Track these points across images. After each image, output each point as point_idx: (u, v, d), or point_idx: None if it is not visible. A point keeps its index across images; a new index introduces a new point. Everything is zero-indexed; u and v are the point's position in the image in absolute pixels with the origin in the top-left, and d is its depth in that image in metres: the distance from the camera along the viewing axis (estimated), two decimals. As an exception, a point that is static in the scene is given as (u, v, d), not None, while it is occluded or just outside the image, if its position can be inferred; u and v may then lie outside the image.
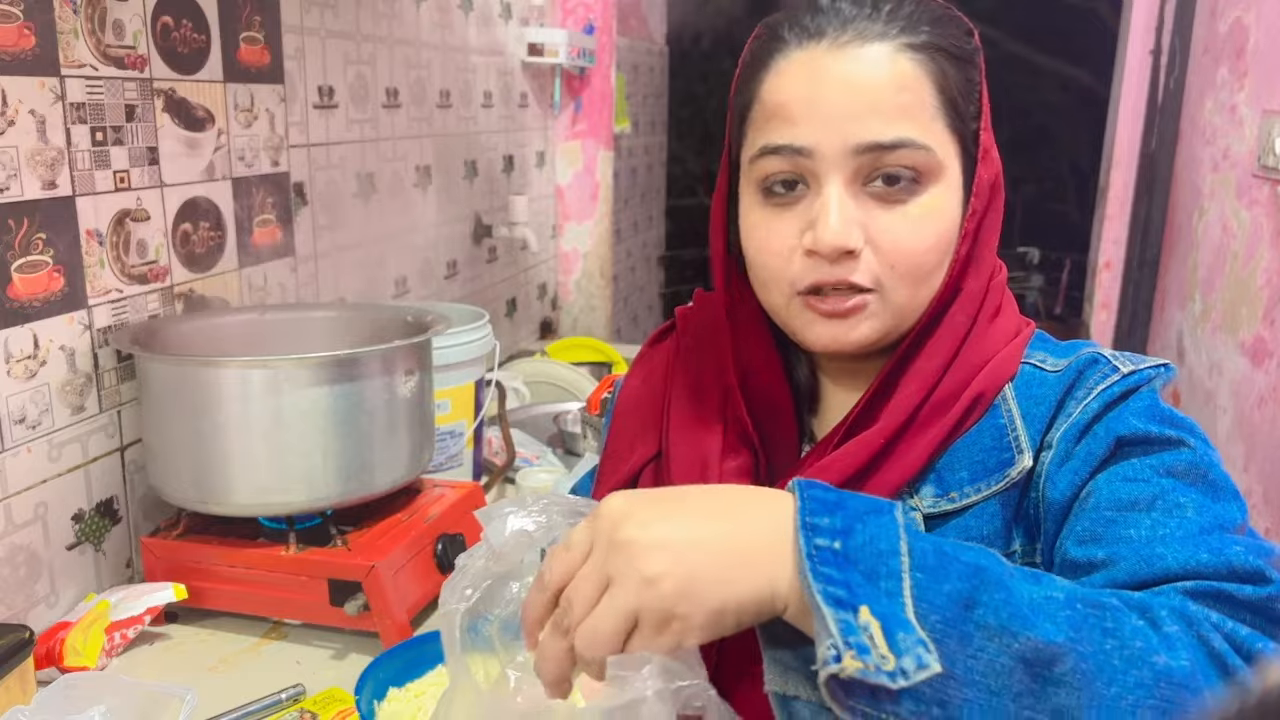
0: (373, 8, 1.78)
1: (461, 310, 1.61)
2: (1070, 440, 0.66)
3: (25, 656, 0.95)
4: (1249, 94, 2.10)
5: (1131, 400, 0.66)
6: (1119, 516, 0.61)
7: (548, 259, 2.88)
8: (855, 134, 0.64)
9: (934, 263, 0.67)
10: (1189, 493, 0.61)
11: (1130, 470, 0.63)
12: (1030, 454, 0.67)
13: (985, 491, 0.67)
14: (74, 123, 1.13)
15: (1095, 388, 0.67)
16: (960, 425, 0.68)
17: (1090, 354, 0.69)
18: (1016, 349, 0.71)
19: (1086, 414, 0.66)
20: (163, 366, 1.11)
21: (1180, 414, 0.67)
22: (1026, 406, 0.69)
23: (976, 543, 0.59)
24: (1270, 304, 1.91)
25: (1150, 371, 0.68)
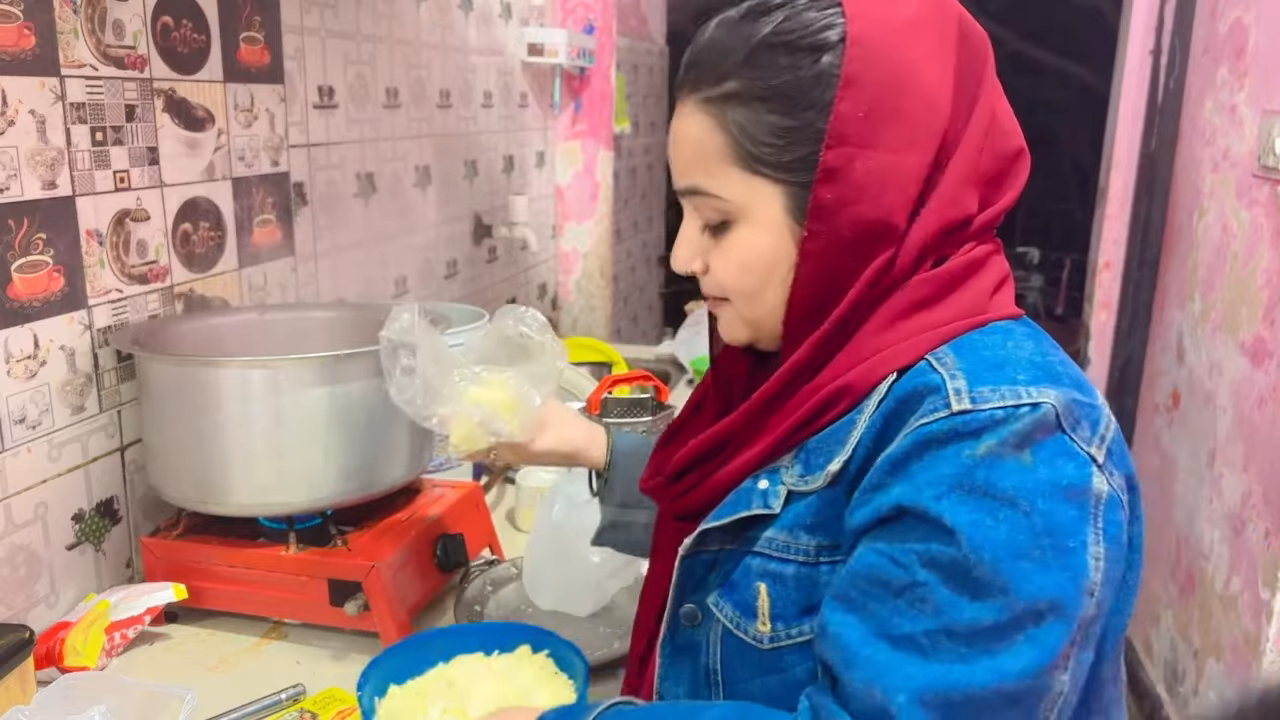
0: (373, 8, 1.78)
1: (461, 310, 1.61)
2: (883, 471, 0.65)
3: (25, 656, 0.95)
4: (1249, 94, 2.10)
5: (946, 455, 0.63)
6: (870, 589, 0.64)
7: (548, 259, 2.88)
8: (674, 180, 0.76)
9: (752, 285, 0.73)
10: (941, 589, 0.62)
11: (895, 549, 0.64)
12: (845, 459, 0.69)
13: (818, 483, 0.71)
14: (74, 123, 1.13)
15: (917, 421, 0.64)
16: (822, 415, 0.71)
17: (935, 378, 0.66)
18: (923, 342, 0.68)
19: (901, 447, 0.65)
20: (163, 366, 1.11)
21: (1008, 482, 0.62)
22: (891, 406, 0.68)
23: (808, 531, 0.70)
24: (1270, 304, 1.91)
25: (991, 416, 0.62)
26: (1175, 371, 2.44)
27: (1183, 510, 2.31)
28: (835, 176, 0.67)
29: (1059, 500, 0.62)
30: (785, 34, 0.68)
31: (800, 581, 0.71)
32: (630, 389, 1.56)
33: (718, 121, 0.71)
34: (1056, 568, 0.61)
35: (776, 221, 0.71)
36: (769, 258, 0.72)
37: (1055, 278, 4.64)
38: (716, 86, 0.71)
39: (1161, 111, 2.75)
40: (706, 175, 0.73)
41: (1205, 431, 2.20)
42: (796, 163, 0.69)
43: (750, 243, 0.72)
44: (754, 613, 0.73)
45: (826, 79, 0.67)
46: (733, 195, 0.72)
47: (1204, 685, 2.09)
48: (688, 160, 0.74)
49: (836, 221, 0.68)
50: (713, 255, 0.76)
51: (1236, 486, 2.00)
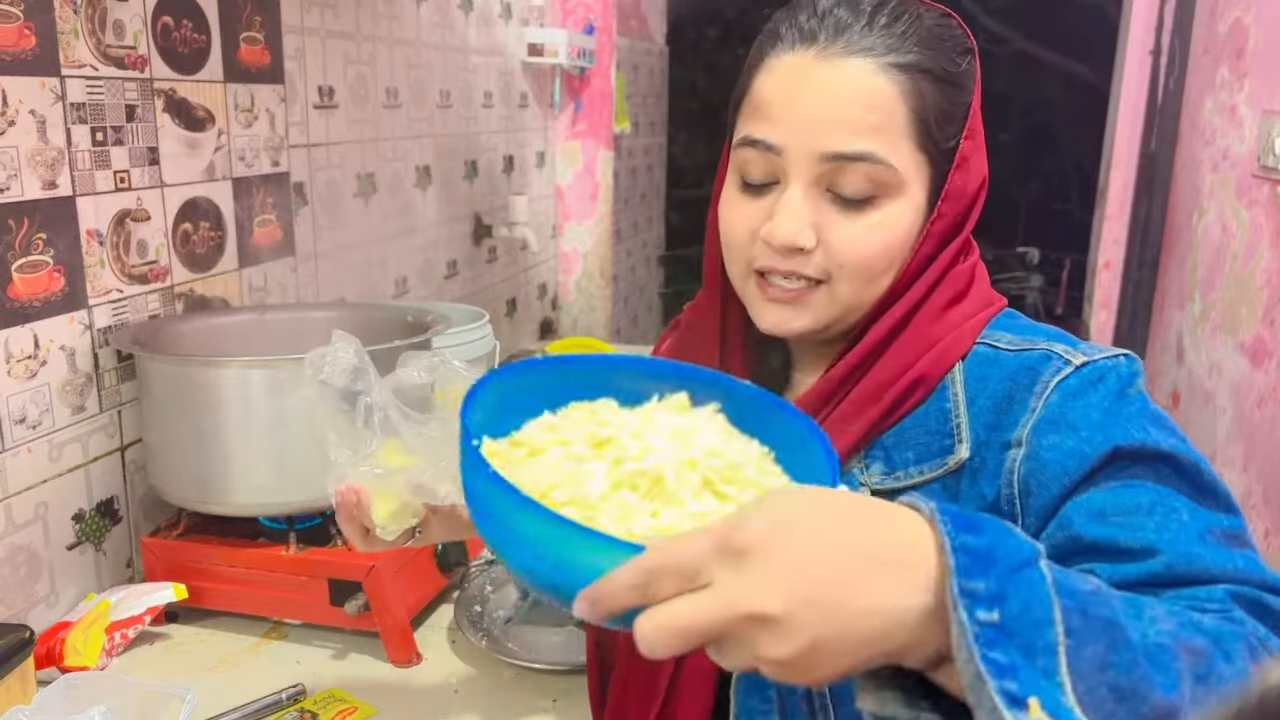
0: (373, 8, 1.78)
1: (461, 310, 1.61)
2: (1042, 433, 0.68)
3: (25, 656, 0.95)
4: (1249, 94, 2.10)
5: (1093, 394, 0.68)
6: (1125, 519, 0.63)
7: (548, 259, 2.88)
8: (823, 142, 0.69)
9: (882, 267, 0.72)
10: (1184, 502, 0.64)
11: (1125, 480, 0.65)
12: (968, 444, 0.70)
13: (928, 474, 0.71)
14: (74, 123, 1.13)
15: (1051, 380, 0.69)
16: (899, 407, 0.72)
17: (1044, 349, 0.71)
18: (970, 330, 0.73)
19: (1049, 407, 0.68)
20: (163, 366, 1.12)
21: (1161, 411, 0.69)
22: (974, 389, 0.71)
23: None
24: (1270, 304, 1.91)
25: (1106, 363, 0.69)
26: (1175, 371, 2.44)
27: (1183, 510, 2.31)
28: (965, 165, 0.73)
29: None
30: (946, 29, 0.73)
31: None
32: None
33: (904, 89, 0.69)
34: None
35: (920, 203, 0.72)
36: (906, 237, 0.72)
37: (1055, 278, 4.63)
38: (903, 54, 0.69)
39: (1161, 111, 2.75)
40: (884, 141, 0.69)
41: (1205, 431, 2.20)
42: (949, 151, 0.72)
43: (900, 220, 0.71)
44: None
45: (969, 77, 0.73)
46: (904, 168, 0.70)
47: (1204, 685, 2.09)
48: (861, 124, 0.68)
49: (956, 207, 0.73)
50: (843, 232, 0.71)
51: (1236, 486, 2.00)
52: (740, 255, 0.75)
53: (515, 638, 1.16)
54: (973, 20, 5.23)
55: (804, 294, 0.73)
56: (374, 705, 1.02)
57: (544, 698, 1.06)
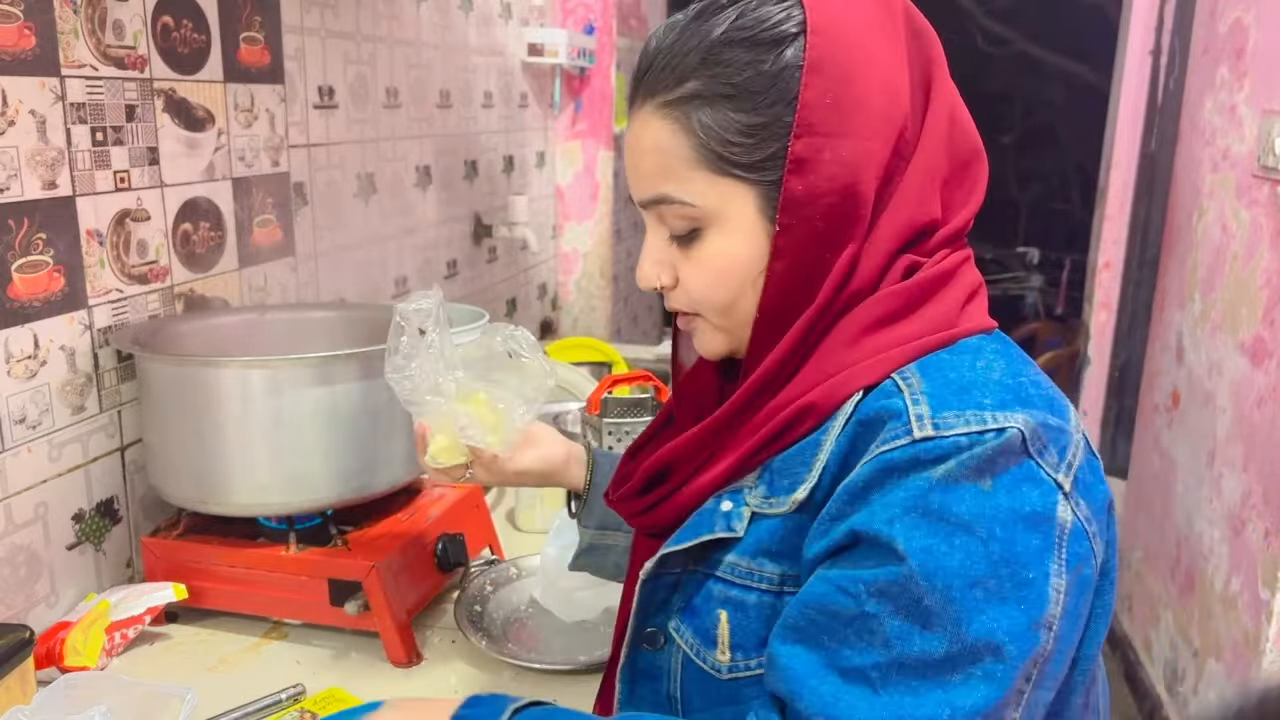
0: (373, 8, 1.78)
1: (461, 310, 1.61)
2: (841, 501, 0.64)
3: (25, 656, 0.95)
4: (1249, 94, 2.10)
5: (905, 482, 0.61)
6: (819, 619, 0.63)
7: (548, 259, 2.88)
8: (635, 190, 0.73)
9: (728, 295, 0.71)
10: (892, 620, 0.60)
11: (845, 578, 0.62)
12: (811, 486, 0.67)
13: (783, 507, 0.69)
14: (74, 123, 1.13)
15: (878, 448, 0.63)
16: (788, 432, 0.69)
17: (898, 402, 0.64)
18: (887, 360, 0.67)
19: (861, 475, 0.63)
20: (163, 366, 1.12)
21: (964, 507, 0.60)
22: (855, 430, 0.66)
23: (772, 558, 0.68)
24: (1270, 304, 1.91)
25: (954, 443, 0.60)
26: (1175, 371, 2.44)
27: (1183, 510, 2.31)
28: (805, 167, 0.66)
29: (1020, 528, 0.59)
30: (743, 30, 0.67)
31: (762, 610, 0.69)
32: (630, 389, 1.56)
33: (681, 124, 0.68)
34: (1013, 600, 0.59)
35: (749, 223, 0.69)
36: (744, 263, 0.70)
37: (1055, 278, 4.64)
38: (675, 89, 0.68)
39: (1161, 111, 2.75)
40: (674, 181, 0.69)
41: (1205, 431, 2.20)
42: (766, 160, 0.67)
43: (724, 249, 0.70)
44: (714, 641, 0.71)
45: (790, 71, 0.66)
46: (703, 200, 0.69)
47: (1204, 685, 2.09)
48: (651, 169, 0.71)
49: (808, 213, 0.67)
50: (683, 267, 0.72)
51: (1236, 486, 2.00)
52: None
53: (515, 638, 1.16)
54: (973, 21, 5.24)
55: (694, 322, 0.76)
56: (374, 705, 1.02)
57: (544, 698, 1.06)
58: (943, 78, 0.71)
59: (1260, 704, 0.55)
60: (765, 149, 0.67)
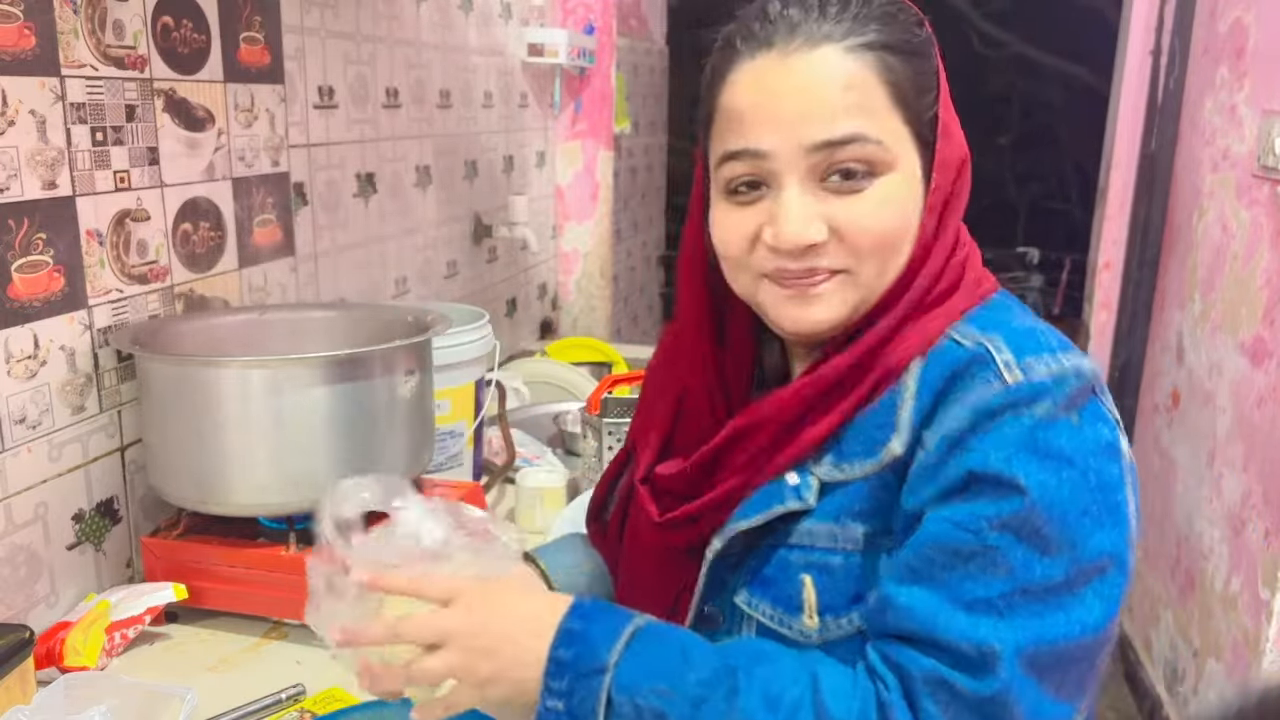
0: (373, 8, 1.78)
1: (461, 310, 1.61)
2: (942, 450, 0.66)
3: (25, 656, 0.95)
4: (1249, 94, 2.10)
5: (1006, 422, 0.65)
6: (938, 558, 0.65)
7: (548, 259, 2.88)
8: (808, 134, 0.68)
9: (898, 241, 0.71)
10: (1014, 550, 0.63)
11: (964, 516, 0.65)
12: (904, 440, 0.69)
13: (866, 469, 0.70)
14: (74, 123, 1.13)
15: (972, 395, 0.66)
16: (869, 398, 0.71)
17: (982, 351, 0.68)
18: (939, 323, 0.71)
19: (958, 424, 0.66)
20: (163, 366, 1.11)
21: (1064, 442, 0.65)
22: (926, 383, 0.69)
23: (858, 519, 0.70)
24: (1270, 304, 1.91)
25: (1044, 384, 0.65)
26: (1175, 371, 2.44)
27: (1183, 510, 2.31)
28: (948, 133, 0.71)
29: (1105, 458, 0.65)
30: (897, 4, 0.72)
31: (850, 571, 0.71)
32: (630, 389, 1.57)
33: (876, 66, 0.69)
34: (1109, 523, 0.64)
35: (913, 176, 0.71)
36: (911, 211, 0.71)
37: (1055, 278, 4.64)
38: (864, 33, 0.69)
39: (1161, 111, 2.75)
40: (870, 119, 0.69)
41: (1205, 431, 2.20)
42: (928, 120, 0.71)
43: (902, 193, 0.70)
44: (799, 606, 0.72)
45: (930, 46, 0.72)
46: (893, 142, 0.69)
47: (1204, 685, 2.09)
48: (844, 106, 0.68)
49: (948, 177, 0.72)
50: (851, 214, 0.69)
51: (1236, 486, 2.00)
52: (742, 264, 0.73)
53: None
54: (969, 23, 5.24)
55: (826, 283, 0.71)
56: (374, 705, 1.02)
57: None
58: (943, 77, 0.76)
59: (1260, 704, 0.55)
60: (930, 108, 0.71)
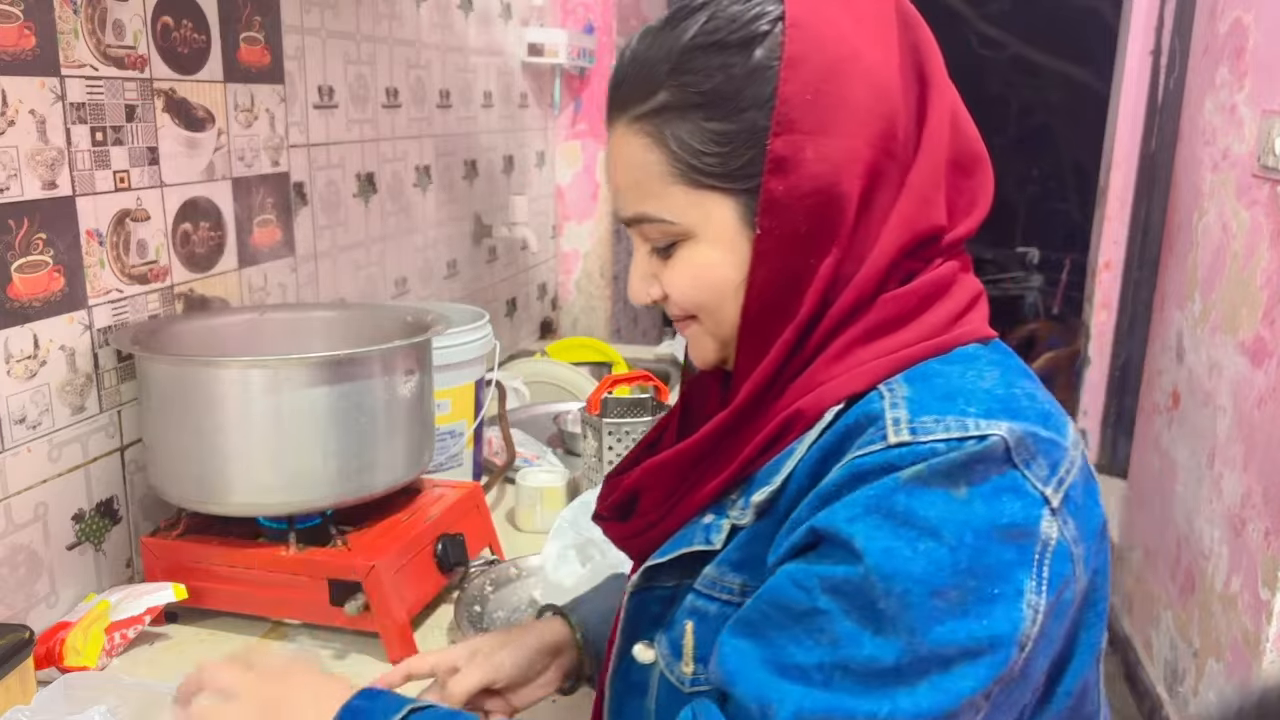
0: (373, 8, 1.78)
1: (461, 310, 1.61)
2: (812, 506, 0.61)
3: (25, 656, 0.95)
4: (1249, 94, 2.10)
5: (874, 484, 0.58)
6: (771, 613, 0.60)
7: (548, 259, 2.88)
8: (618, 210, 0.72)
9: (710, 301, 0.69)
10: (842, 620, 0.57)
11: (801, 573, 0.59)
12: (772, 490, 0.65)
13: (751, 513, 0.66)
14: (74, 123, 1.13)
15: (854, 454, 0.60)
16: (776, 443, 0.66)
17: (877, 409, 0.61)
18: (872, 371, 0.64)
19: (833, 480, 0.60)
20: (163, 366, 1.11)
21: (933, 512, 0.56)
22: (832, 438, 0.63)
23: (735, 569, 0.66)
24: (1270, 304, 1.91)
25: (933, 447, 0.57)
26: (1175, 371, 2.44)
27: (1183, 510, 2.31)
28: (785, 166, 0.63)
29: (994, 539, 0.56)
30: (712, 33, 0.64)
31: (722, 621, 0.66)
32: (630, 389, 1.56)
33: (654, 138, 0.66)
34: (975, 614, 0.55)
35: (730, 234, 0.66)
36: (726, 272, 0.67)
37: (1055, 278, 4.64)
38: (646, 101, 0.66)
39: (1161, 111, 2.75)
40: (651, 199, 0.68)
41: (1205, 431, 2.20)
42: (743, 167, 0.65)
43: (705, 260, 0.68)
44: (680, 652, 0.69)
45: (762, 72, 0.63)
46: (681, 217, 0.67)
47: (1204, 685, 2.09)
48: (628, 187, 0.69)
49: (790, 215, 0.64)
50: (666, 278, 0.70)
51: (1236, 486, 2.00)
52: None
53: (515, 638, 1.16)
54: (969, 25, 5.24)
55: (689, 327, 0.73)
56: (374, 705, 1.02)
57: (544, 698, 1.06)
58: (941, 78, 0.68)
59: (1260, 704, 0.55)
60: (741, 156, 0.64)
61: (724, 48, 0.64)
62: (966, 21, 5.32)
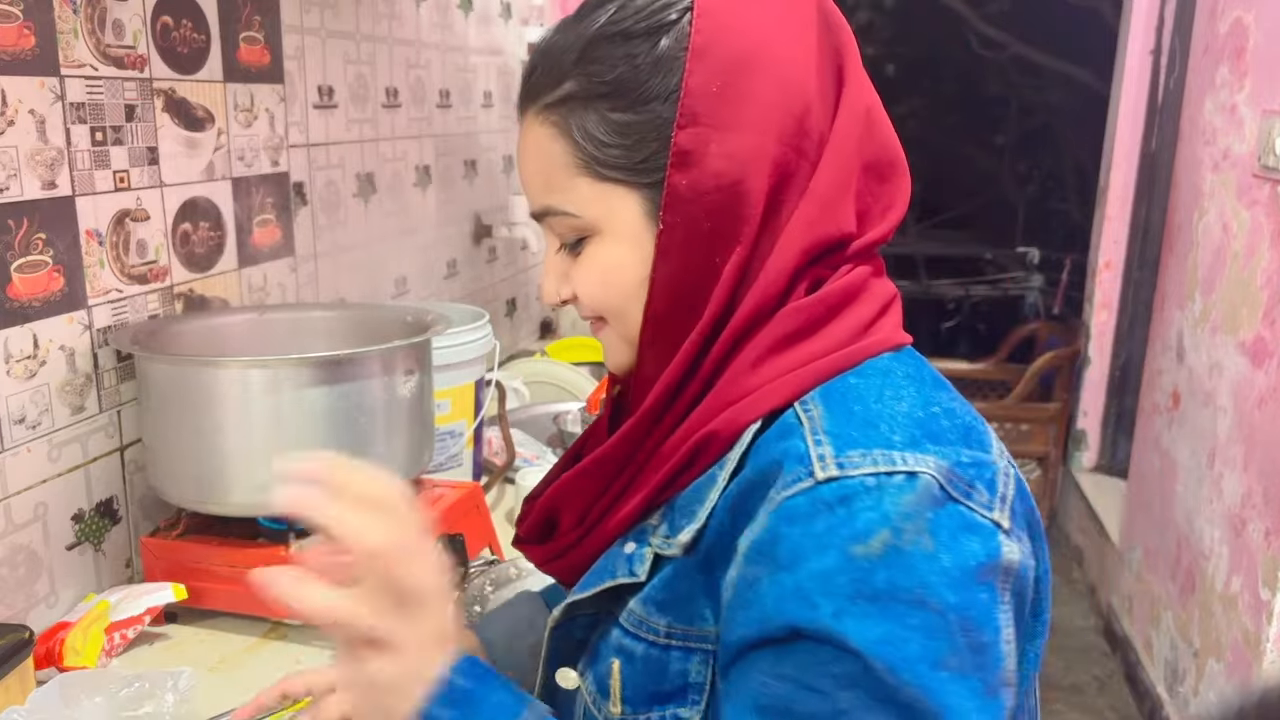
0: (373, 8, 1.78)
1: (461, 310, 1.61)
2: (753, 560, 0.57)
3: (25, 656, 0.95)
4: (1249, 94, 2.10)
5: (816, 526, 0.55)
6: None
7: (548, 259, 2.88)
8: (528, 204, 0.69)
9: (617, 301, 0.66)
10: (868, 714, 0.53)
11: (809, 677, 0.55)
12: (696, 529, 0.62)
13: (677, 550, 0.63)
14: (74, 123, 1.13)
15: (779, 494, 0.57)
16: (691, 466, 0.63)
17: (800, 447, 0.58)
18: (788, 384, 0.61)
19: (767, 528, 0.57)
20: (163, 366, 1.11)
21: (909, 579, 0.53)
22: (752, 475, 0.60)
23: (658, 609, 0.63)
24: (1270, 304, 1.91)
25: (862, 481, 0.55)
26: (1175, 371, 2.44)
27: (1183, 510, 2.31)
28: (689, 160, 0.61)
29: (969, 587, 0.55)
30: (619, 22, 0.63)
31: (649, 664, 0.63)
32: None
33: (559, 129, 0.65)
34: (974, 668, 0.54)
35: (635, 229, 0.64)
36: (630, 269, 0.65)
37: (1055, 278, 4.63)
38: (553, 91, 0.65)
39: (1161, 111, 2.75)
40: (556, 191, 0.66)
41: (1205, 431, 2.20)
42: (647, 160, 0.63)
43: (610, 256, 0.65)
44: (607, 691, 0.66)
45: (668, 62, 0.62)
46: (585, 210, 0.65)
47: (1204, 685, 2.09)
48: (535, 178, 0.67)
49: (694, 211, 0.62)
50: (574, 278, 0.68)
51: (1236, 486, 2.00)
52: None
53: (515, 638, 1.16)
54: (968, 25, 5.24)
55: (601, 330, 0.71)
56: (374, 705, 1.02)
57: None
58: (857, 74, 0.65)
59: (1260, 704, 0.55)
60: (645, 148, 0.63)
61: (629, 37, 0.63)
62: (966, 21, 5.32)
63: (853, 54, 0.65)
